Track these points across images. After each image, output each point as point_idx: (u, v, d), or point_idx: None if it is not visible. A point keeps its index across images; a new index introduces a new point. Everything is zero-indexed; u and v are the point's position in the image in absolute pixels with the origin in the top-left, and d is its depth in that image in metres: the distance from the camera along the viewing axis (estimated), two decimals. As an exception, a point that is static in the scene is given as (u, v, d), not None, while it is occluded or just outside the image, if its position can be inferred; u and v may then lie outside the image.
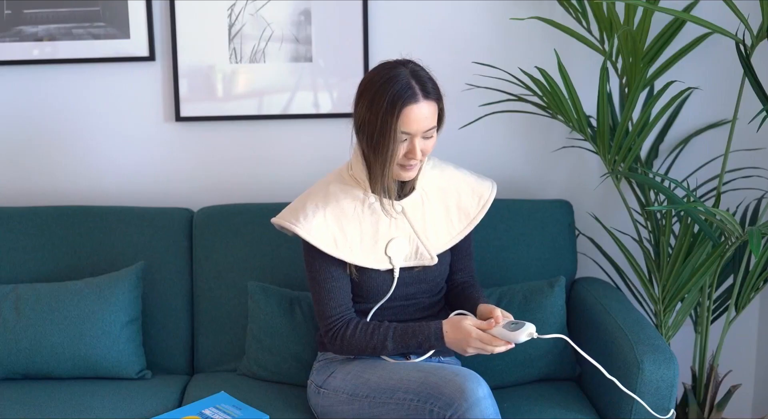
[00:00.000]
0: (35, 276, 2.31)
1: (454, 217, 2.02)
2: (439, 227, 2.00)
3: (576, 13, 2.32)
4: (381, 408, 1.84)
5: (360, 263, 1.94)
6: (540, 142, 2.54)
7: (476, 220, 2.03)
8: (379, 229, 1.95)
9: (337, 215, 1.93)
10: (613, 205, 2.55)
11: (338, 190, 1.96)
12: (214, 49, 2.45)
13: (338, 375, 1.95)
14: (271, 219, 2.00)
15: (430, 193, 2.00)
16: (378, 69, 1.87)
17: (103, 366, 2.17)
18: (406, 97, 1.80)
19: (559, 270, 2.34)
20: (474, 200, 2.03)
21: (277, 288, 2.23)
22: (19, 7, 2.41)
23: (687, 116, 2.51)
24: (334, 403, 1.93)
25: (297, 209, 1.96)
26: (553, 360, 2.16)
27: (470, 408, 1.72)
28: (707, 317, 2.32)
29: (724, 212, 1.99)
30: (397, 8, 2.45)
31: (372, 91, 1.83)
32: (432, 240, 1.99)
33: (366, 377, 1.90)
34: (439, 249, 2.00)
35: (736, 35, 2.13)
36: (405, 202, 1.97)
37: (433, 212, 2.00)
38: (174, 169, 2.53)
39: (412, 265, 1.98)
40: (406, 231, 1.96)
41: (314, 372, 2.03)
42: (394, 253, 1.96)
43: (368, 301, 1.99)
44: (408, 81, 1.82)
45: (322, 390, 1.96)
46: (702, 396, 2.35)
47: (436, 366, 1.86)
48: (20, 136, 2.51)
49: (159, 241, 2.33)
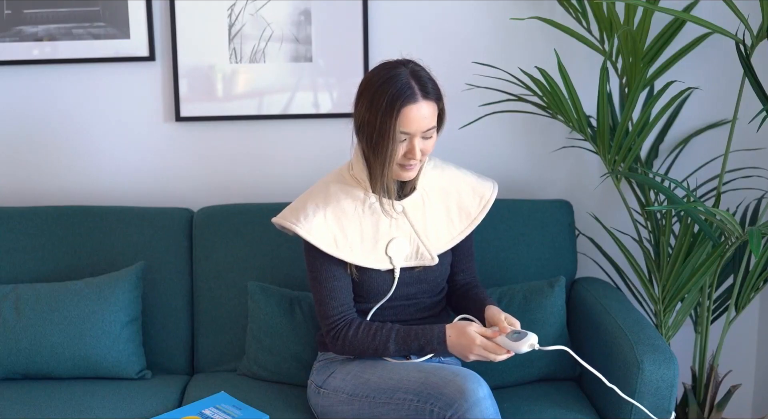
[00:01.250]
0: (35, 276, 2.30)
1: (455, 217, 2.02)
2: (439, 227, 2.00)
3: (576, 13, 2.32)
4: (381, 408, 1.84)
5: (360, 263, 1.94)
6: (540, 142, 2.54)
7: (477, 220, 2.03)
8: (380, 229, 1.95)
9: (338, 215, 1.93)
10: (613, 205, 2.55)
11: (338, 189, 1.96)
12: (214, 49, 2.45)
13: (338, 375, 1.95)
14: (272, 219, 2.00)
15: (431, 193, 2.00)
16: (378, 69, 1.87)
17: (103, 366, 2.17)
18: (405, 97, 1.80)
19: (559, 270, 2.34)
20: (475, 200, 2.03)
21: (277, 288, 2.23)
22: (19, 7, 2.41)
23: (687, 116, 2.51)
24: (334, 403, 1.93)
25: (297, 209, 1.96)
26: (553, 361, 2.16)
27: (470, 409, 1.72)
28: (707, 317, 2.32)
29: (724, 212, 1.99)
30: (397, 8, 2.45)
31: (371, 90, 1.83)
32: (433, 240, 1.99)
33: (366, 377, 1.89)
34: (440, 250, 2.00)
35: (736, 35, 2.13)
36: (405, 202, 1.97)
37: (434, 212, 1.99)
38: (174, 169, 2.53)
39: (413, 265, 1.98)
40: (406, 231, 1.96)
41: (314, 372, 2.03)
42: (395, 253, 1.95)
43: (368, 301, 1.99)
44: (407, 81, 1.82)
45: (322, 390, 1.96)
46: (702, 396, 2.35)
47: (437, 366, 1.86)
48: (20, 136, 2.51)
49: (159, 241, 2.33)
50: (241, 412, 1.99)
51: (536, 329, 2.12)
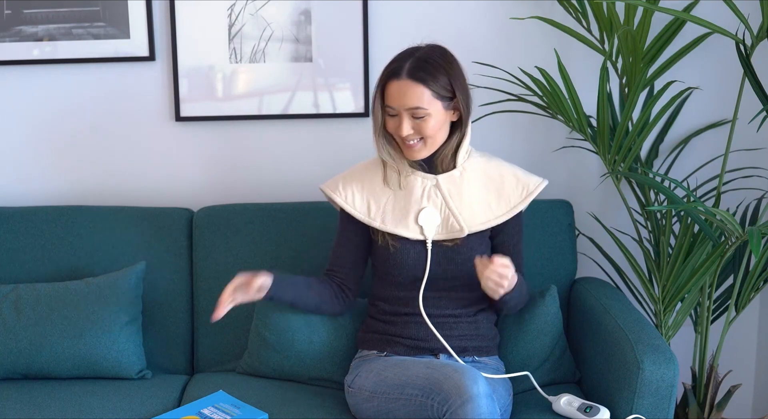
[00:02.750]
0: (35, 276, 2.31)
1: (493, 202, 2.05)
2: (474, 206, 2.04)
3: (576, 13, 2.32)
4: (394, 404, 1.87)
5: (392, 230, 2.01)
6: (540, 142, 2.54)
7: (517, 209, 2.06)
8: (412, 201, 2.03)
9: (372, 188, 2.06)
10: (613, 205, 2.55)
11: (371, 169, 2.09)
12: (214, 49, 2.45)
13: (363, 374, 1.99)
14: (320, 186, 2.13)
15: (472, 175, 2.05)
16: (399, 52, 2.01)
17: (103, 366, 2.17)
18: (391, 71, 1.94)
19: (559, 270, 2.34)
20: (518, 190, 2.07)
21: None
22: (19, 7, 2.41)
23: (687, 116, 2.51)
24: (359, 401, 1.96)
25: (336, 181, 2.10)
26: (554, 365, 2.16)
27: (463, 405, 1.73)
28: (707, 317, 2.32)
29: (724, 212, 1.99)
30: (397, 8, 2.45)
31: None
32: (466, 215, 2.03)
33: (385, 374, 1.93)
34: (472, 228, 2.02)
35: (736, 35, 2.13)
36: (441, 177, 2.03)
37: (471, 191, 2.04)
38: (174, 169, 2.54)
39: (443, 239, 2.02)
40: (437, 203, 2.03)
41: (349, 371, 2.08)
42: (425, 222, 2.02)
43: (405, 282, 2.03)
44: (404, 58, 1.94)
45: (351, 389, 2.00)
46: (702, 396, 2.35)
47: (445, 363, 1.88)
48: (20, 136, 2.51)
49: (159, 241, 2.33)
50: (239, 411, 1.99)
51: (533, 340, 2.15)
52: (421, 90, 1.92)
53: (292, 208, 2.36)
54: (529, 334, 2.15)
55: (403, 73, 1.92)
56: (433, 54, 1.94)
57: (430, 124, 1.95)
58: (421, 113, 1.93)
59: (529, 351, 2.14)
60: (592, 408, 1.92)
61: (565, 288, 2.35)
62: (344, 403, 2.05)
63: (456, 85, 1.94)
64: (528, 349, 2.14)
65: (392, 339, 2.05)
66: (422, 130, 1.95)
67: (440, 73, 1.93)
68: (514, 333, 2.16)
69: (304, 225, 2.32)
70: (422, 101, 1.92)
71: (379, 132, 2.00)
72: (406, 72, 1.91)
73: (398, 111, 1.94)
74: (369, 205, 2.05)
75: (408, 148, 1.99)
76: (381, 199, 2.05)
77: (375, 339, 2.08)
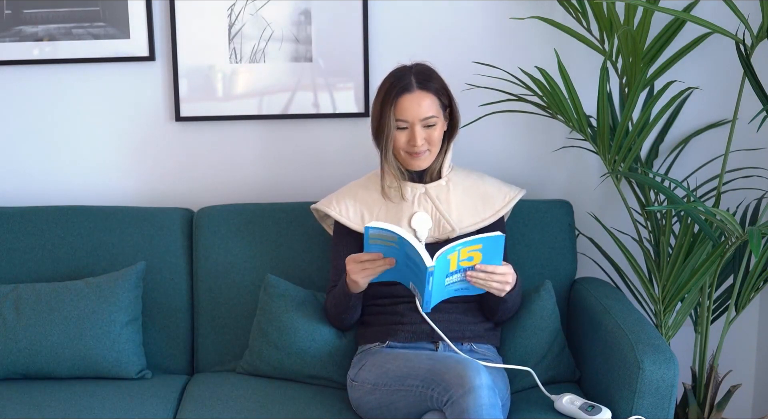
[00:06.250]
0: (35, 276, 2.31)
1: (479, 206, 2.15)
2: (462, 210, 2.14)
3: (576, 13, 2.32)
4: (395, 396, 1.89)
5: None
6: (540, 142, 2.54)
7: (501, 212, 2.16)
8: (403, 208, 2.12)
9: (365, 202, 2.15)
10: (613, 205, 2.55)
11: (363, 187, 2.18)
12: (214, 49, 2.45)
13: (366, 367, 2.01)
14: (311, 206, 2.21)
15: (457, 185, 2.16)
16: (389, 73, 2.09)
17: (103, 366, 2.17)
18: (401, 87, 2.03)
19: (559, 270, 2.34)
20: (501, 195, 2.19)
21: (292, 284, 2.23)
22: (19, 7, 2.41)
23: (687, 116, 2.51)
24: (362, 394, 1.98)
25: (330, 199, 2.19)
26: (552, 362, 2.16)
27: (465, 395, 1.75)
28: (707, 317, 2.32)
29: (724, 212, 1.99)
30: (397, 8, 2.45)
31: (379, 90, 2.08)
32: (455, 218, 2.12)
33: (387, 367, 1.95)
34: (462, 228, 2.11)
35: (736, 35, 2.13)
36: (429, 186, 2.13)
37: (458, 198, 2.15)
38: (174, 169, 2.53)
39: (436, 240, 2.09)
40: (428, 208, 2.12)
41: (351, 367, 2.09)
42: (418, 225, 2.10)
43: (405, 291, 2.04)
44: (406, 75, 2.04)
45: (354, 383, 2.02)
46: (702, 396, 2.35)
47: (447, 355, 1.91)
48: (20, 136, 2.51)
49: (159, 241, 2.33)
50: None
51: (530, 335, 2.15)
52: (431, 99, 2.05)
53: (292, 208, 2.36)
54: (526, 330, 2.15)
55: (414, 86, 2.03)
56: (427, 68, 2.08)
57: (438, 132, 2.07)
58: (433, 121, 2.05)
59: (527, 348, 2.14)
60: (594, 407, 1.92)
61: (565, 288, 2.35)
62: (345, 402, 2.05)
63: (449, 94, 2.09)
64: (526, 345, 2.14)
65: (391, 329, 2.08)
66: (432, 138, 2.06)
67: (439, 83, 2.07)
68: (512, 329, 2.16)
69: (304, 226, 2.32)
70: (433, 109, 2.05)
71: (390, 147, 2.06)
72: (416, 85, 2.03)
73: (411, 123, 2.04)
74: (363, 215, 2.14)
75: (415, 158, 2.07)
76: (374, 209, 2.14)
77: (374, 331, 2.10)
